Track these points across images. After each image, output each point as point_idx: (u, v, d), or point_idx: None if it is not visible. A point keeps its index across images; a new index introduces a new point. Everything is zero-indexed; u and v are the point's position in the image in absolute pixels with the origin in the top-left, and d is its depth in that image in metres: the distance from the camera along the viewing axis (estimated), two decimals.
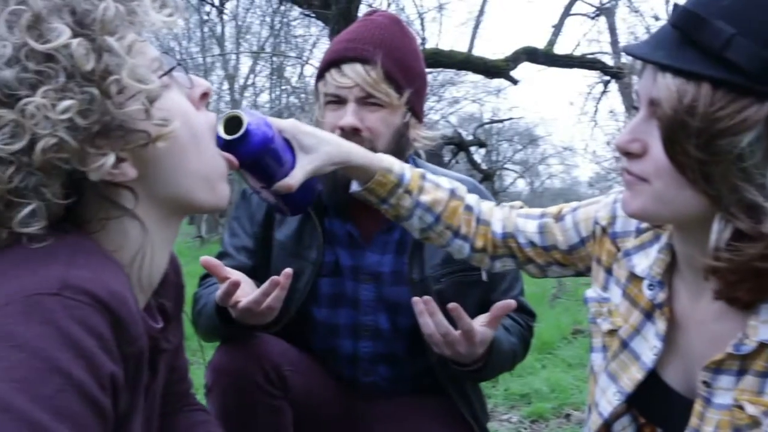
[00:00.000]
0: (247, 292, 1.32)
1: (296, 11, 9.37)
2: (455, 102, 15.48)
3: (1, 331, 0.64)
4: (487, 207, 1.34)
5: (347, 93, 1.48)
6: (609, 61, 8.43)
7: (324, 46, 13.50)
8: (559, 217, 1.26)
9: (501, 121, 14.31)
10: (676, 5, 0.91)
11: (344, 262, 1.60)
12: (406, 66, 1.51)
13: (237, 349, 1.45)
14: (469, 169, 10.26)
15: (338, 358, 1.63)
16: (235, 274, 1.31)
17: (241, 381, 1.42)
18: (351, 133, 1.45)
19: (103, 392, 0.69)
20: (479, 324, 1.37)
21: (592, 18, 9.15)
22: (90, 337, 0.67)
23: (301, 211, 1.37)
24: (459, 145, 9.59)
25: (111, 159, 0.76)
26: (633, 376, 1.07)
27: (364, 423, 1.63)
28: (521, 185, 19.34)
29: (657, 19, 8.39)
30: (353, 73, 1.46)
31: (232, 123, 1.08)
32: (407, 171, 1.27)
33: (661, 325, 1.04)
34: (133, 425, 0.84)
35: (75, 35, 0.73)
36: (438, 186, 1.30)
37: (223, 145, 1.03)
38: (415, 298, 1.34)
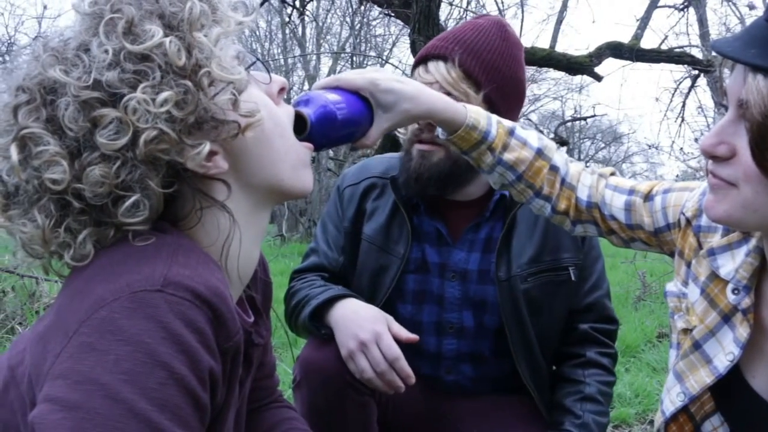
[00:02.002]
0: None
1: (376, 11, 9.47)
2: (536, 99, 15.30)
3: (110, 326, 0.69)
4: (575, 170, 1.30)
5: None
6: (698, 54, 8.08)
7: (404, 45, 13.60)
8: (648, 197, 1.21)
9: (584, 118, 13.93)
10: None
11: (431, 259, 1.62)
12: (491, 66, 1.51)
13: (326, 345, 1.47)
14: None
15: (422, 355, 1.65)
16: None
17: (329, 377, 1.44)
18: (430, 129, 1.49)
19: (202, 386, 0.72)
20: None
21: (680, 10, 8.78)
22: (191, 332, 0.71)
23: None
24: None
25: (207, 147, 0.81)
26: (701, 378, 1.03)
27: (447, 421, 1.65)
28: None
29: (752, 8, 7.96)
30: (435, 71, 1.51)
31: (296, 119, 1.11)
32: (494, 127, 1.24)
33: (742, 331, 0.99)
34: (228, 418, 0.88)
35: (166, 35, 0.78)
36: (525, 144, 1.26)
37: None
38: None
